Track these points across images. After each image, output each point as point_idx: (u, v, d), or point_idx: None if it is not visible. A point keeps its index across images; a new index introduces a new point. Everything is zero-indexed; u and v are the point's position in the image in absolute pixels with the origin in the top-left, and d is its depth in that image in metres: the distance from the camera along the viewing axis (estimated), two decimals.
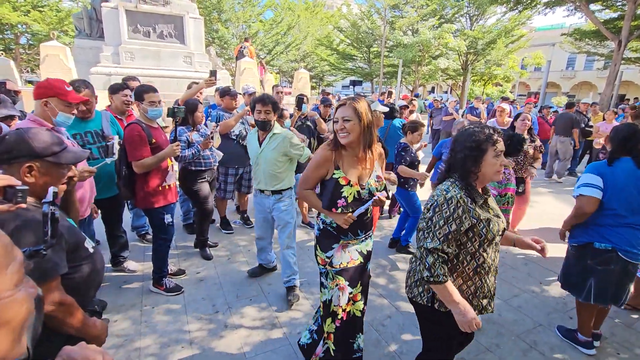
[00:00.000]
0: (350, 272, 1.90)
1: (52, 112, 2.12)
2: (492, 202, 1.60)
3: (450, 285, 1.44)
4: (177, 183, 3.05)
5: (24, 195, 1.11)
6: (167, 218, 2.82)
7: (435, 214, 1.46)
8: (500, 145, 1.48)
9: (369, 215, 1.93)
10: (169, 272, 3.09)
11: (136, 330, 2.47)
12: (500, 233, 1.53)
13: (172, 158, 2.86)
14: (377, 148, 1.89)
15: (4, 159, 1.25)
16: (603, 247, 2.20)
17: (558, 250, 3.00)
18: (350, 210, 1.80)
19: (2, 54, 14.25)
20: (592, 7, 13.14)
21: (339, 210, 1.80)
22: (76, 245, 1.36)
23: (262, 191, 2.83)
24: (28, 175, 1.27)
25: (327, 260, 1.91)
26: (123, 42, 8.93)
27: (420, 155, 3.91)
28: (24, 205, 1.13)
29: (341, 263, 1.89)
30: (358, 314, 1.95)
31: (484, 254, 1.51)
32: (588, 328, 2.40)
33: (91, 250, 1.45)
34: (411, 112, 6.67)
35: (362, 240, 1.95)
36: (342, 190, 1.78)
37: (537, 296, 3.03)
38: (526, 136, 3.72)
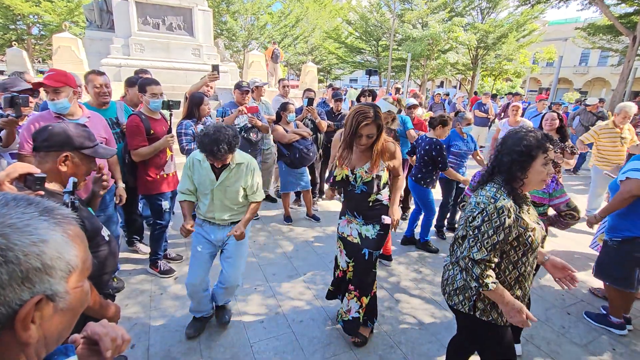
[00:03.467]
0: (349, 245, 2.31)
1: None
2: (532, 209, 1.57)
3: (499, 288, 1.41)
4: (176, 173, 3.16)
5: (42, 183, 1.20)
6: (164, 205, 3.00)
7: (483, 222, 1.39)
8: (551, 154, 1.43)
9: (370, 204, 2.20)
10: (168, 256, 3.31)
11: (145, 314, 2.58)
12: (541, 241, 1.51)
13: (171, 149, 3.00)
14: (388, 146, 2.13)
15: (44, 146, 1.37)
16: None
17: (561, 246, 3.06)
18: (336, 188, 2.28)
19: (15, 44, 14.48)
20: (607, 1, 12.84)
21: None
22: (95, 233, 1.46)
23: (211, 222, 2.28)
24: (62, 164, 1.38)
25: (338, 224, 2.41)
26: (133, 34, 9.00)
27: None
28: (42, 193, 1.21)
29: (343, 232, 2.34)
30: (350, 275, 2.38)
31: (526, 263, 1.48)
32: (620, 312, 2.59)
33: (107, 238, 1.55)
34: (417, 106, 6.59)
35: (362, 224, 2.25)
36: (334, 170, 2.24)
37: (536, 291, 3.07)
38: (556, 136, 3.46)
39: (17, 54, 9.86)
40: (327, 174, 4.97)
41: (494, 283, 1.40)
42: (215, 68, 3.53)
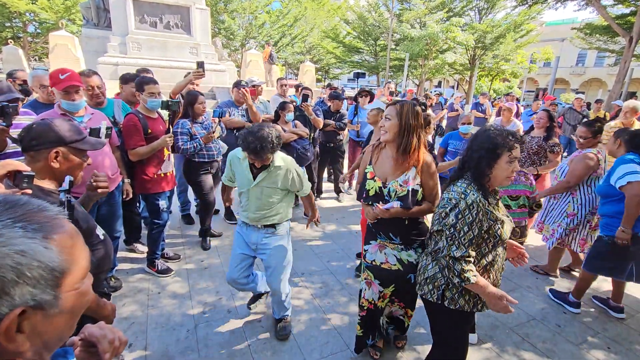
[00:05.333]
0: (382, 273, 1.97)
1: (58, 100, 2.31)
2: (500, 203, 1.64)
3: (480, 280, 1.48)
4: (174, 172, 3.16)
5: (30, 181, 1.19)
6: (162, 204, 2.98)
7: (458, 220, 1.46)
8: (516, 152, 1.49)
9: (407, 222, 1.90)
10: (166, 255, 3.29)
11: (143, 313, 2.58)
12: (509, 233, 1.58)
13: (169, 148, 2.98)
14: (424, 157, 1.85)
15: (33, 145, 1.36)
16: None
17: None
18: (369, 203, 1.91)
19: (10, 42, 14.38)
20: (604, 1, 12.88)
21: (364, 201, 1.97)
22: (89, 231, 1.46)
23: (248, 224, 2.30)
24: (54, 160, 1.38)
25: (364, 252, 2.07)
26: (130, 32, 8.97)
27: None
28: (29, 191, 1.20)
29: (374, 260, 1.99)
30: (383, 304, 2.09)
31: (494, 252, 1.56)
32: (582, 294, 2.81)
33: (102, 237, 1.54)
34: (429, 106, 6.80)
35: (402, 249, 1.93)
36: (366, 184, 1.94)
37: (532, 291, 3.09)
38: (543, 134, 3.67)
39: (13, 52, 9.81)
40: (336, 178, 4.99)
41: (475, 276, 1.46)
42: (200, 65, 3.39)
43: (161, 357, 2.19)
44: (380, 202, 1.87)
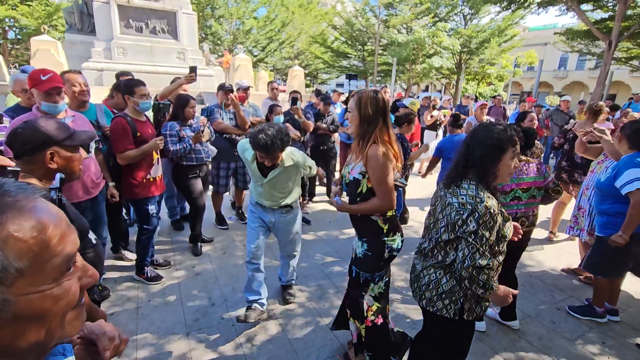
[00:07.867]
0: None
1: (37, 102, 2.21)
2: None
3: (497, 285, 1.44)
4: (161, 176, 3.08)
5: (14, 177, 1.14)
6: (151, 209, 2.91)
7: (479, 226, 1.34)
8: (518, 147, 1.44)
9: (358, 215, 1.86)
10: (155, 262, 3.20)
11: (132, 321, 2.48)
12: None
13: (158, 151, 2.91)
14: (371, 148, 1.72)
15: (26, 150, 1.30)
16: None
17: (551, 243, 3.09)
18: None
19: None
20: (584, 7, 13.30)
21: None
22: (83, 233, 1.40)
23: (264, 206, 2.50)
24: (51, 161, 1.32)
25: None
26: (115, 37, 8.83)
27: None
28: None
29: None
30: None
31: (502, 251, 1.48)
32: (603, 302, 2.69)
33: (94, 241, 1.49)
34: (433, 107, 7.17)
35: (356, 237, 1.94)
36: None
37: (527, 289, 3.10)
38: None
39: None
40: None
41: (496, 281, 1.41)
42: (192, 70, 3.36)
43: None
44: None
